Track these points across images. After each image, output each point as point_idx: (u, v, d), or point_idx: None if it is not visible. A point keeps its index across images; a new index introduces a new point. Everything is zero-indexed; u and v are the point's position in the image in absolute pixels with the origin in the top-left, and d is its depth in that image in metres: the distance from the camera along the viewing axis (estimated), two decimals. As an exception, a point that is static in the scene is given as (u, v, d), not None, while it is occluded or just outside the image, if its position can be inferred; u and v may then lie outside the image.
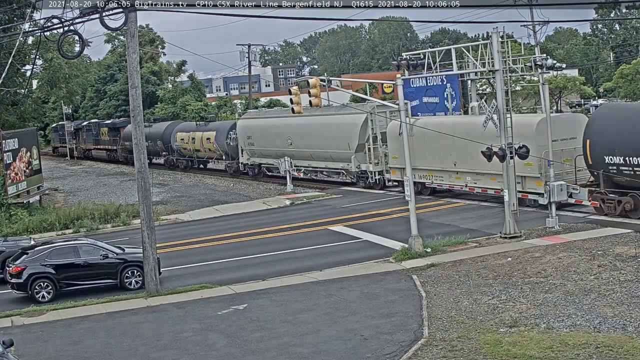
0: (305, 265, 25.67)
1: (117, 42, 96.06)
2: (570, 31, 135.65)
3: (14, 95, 46.54)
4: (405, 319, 18.43)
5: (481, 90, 51.54)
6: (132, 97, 23.06)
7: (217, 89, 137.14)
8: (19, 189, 39.99)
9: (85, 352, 18.07)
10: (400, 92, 26.79)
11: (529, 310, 18.19)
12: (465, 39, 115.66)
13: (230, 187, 49.76)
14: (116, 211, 38.02)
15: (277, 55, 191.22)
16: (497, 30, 27.04)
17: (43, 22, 24.07)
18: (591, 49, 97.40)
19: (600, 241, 24.49)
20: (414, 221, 25.83)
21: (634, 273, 20.33)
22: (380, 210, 35.07)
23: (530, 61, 29.13)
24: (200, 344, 17.86)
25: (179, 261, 28.00)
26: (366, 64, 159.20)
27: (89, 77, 67.90)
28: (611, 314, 17.36)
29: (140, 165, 23.16)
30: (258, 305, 20.81)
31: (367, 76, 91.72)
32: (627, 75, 66.22)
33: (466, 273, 22.25)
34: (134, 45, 22.79)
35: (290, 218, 35.84)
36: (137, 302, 22.31)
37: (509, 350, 15.50)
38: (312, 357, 16.33)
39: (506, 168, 26.87)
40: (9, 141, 39.42)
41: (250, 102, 75.14)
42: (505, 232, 26.66)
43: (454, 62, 29.62)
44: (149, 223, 23.11)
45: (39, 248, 24.66)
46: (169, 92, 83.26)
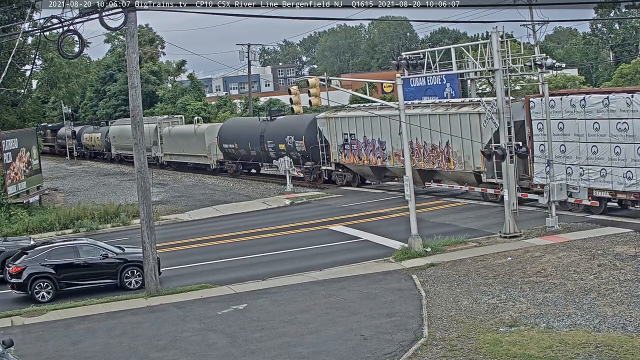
0: (305, 265, 25.68)
1: (117, 42, 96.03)
2: (570, 31, 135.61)
3: (13, 95, 46.50)
4: (405, 318, 18.43)
5: (481, 89, 51.53)
6: (131, 97, 23.06)
7: (217, 88, 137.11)
8: (18, 189, 40.00)
9: (85, 352, 18.07)
10: (399, 92, 26.79)
11: (528, 310, 18.20)
12: (465, 38, 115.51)
13: (230, 187, 49.76)
14: (116, 211, 38.02)
15: (276, 55, 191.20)
16: (497, 29, 27.07)
17: (43, 22, 24.06)
18: (591, 49, 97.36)
19: (600, 240, 24.50)
20: (414, 221, 25.83)
21: (633, 272, 20.34)
22: (379, 209, 35.07)
23: (529, 61, 29.14)
24: (200, 344, 17.87)
25: (179, 261, 28.00)
26: (366, 64, 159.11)
27: (89, 77, 67.95)
28: (611, 313, 17.36)
29: (140, 165, 23.16)
30: (258, 305, 20.82)
31: (366, 76, 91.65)
32: (626, 74, 66.17)
33: (466, 273, 22.26)
34: (133, 45, 22.79)
35: (290, 218, 35.85)
36: (137, 302, 22.31)
37: (509, 350, 15.51)
38: (312, 357, 16.33)
39: (506, 168, 26.88)
40: (9, 141, 39.42)
41: (250, 102, 75.15)
42: (505, 231, 26.66)
43: (454, 62, 29.66)
44: (148, 223, 23.11)
45: (39, 248, 24.65)
46: (169, 91, 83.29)
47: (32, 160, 42.83)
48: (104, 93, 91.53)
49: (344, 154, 42.63)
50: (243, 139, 51.44)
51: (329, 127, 43.29)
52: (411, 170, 26.52)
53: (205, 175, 57.34)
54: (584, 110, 28.26)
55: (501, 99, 26.95)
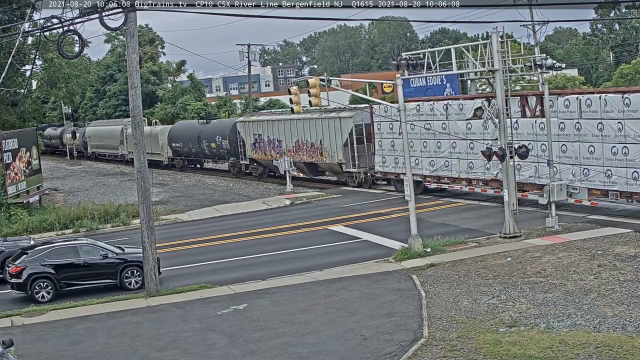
0: (305, 265, 25.68)
1: (117, 42, 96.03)
2: (570, 31, 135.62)
3: (13, 95, 46.53)
4: (405, 318, 18.44)
5: (481, 90, 51.48)
6: (131, 97, 23.05)
7: (217, 88, 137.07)
8: (18, 189, 40.00)
9: (85, 352, 18.07)
10: (400, 92, 26.78)
11: (528, 310, 18.20)
12: (465, 38, 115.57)
13: (230, 187, 49.79)
14: (116, 211, 38.02)
15: (276, 55, 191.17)
16: (497, 30, 27.04)
17: (43, 22, 24.06)
18: (591, 49, 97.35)
19: (600, 241, 24.50)
20: (414, 221, 25.83)
21: (633, 273, 20.34)
22: (379, 210, 35.08)
23: (529, 61, 29.13)
24: (200, 344, 17.87)
25: (179, 261, 28.00)
26: (366, 64, 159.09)
27: (89, 77, 67.99)
28: (611, 313, 17.36)
29: (140, 165, 23.16)
30: (258, 305, 20.82)
31: (366, 76, 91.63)
32: (626, 75, 66.20)
33: (466, 273, 22.26)
34: (133, 45, 22.78)
35: (290, 218, 35.85)
36: (137, 302, 22.31)
37: (509, 350, 15.51)
38: (312, 357, 16.34)
39: (506, 168, 26.88)
40: (9, 141, 39.43)
41: (250, 102, 75.14)
42: (505, 232, 26.66)
43: (454, 62, 29.59)
44: (148, 223, 23.11)
45: (39, 248, 24.65)
46: (169, 92, 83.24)
47: (32, 160, 42.83)
48: (104, 93, 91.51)
49: (255, 151, 51.35)
50: (186, 139, 60.10)
51: (245, 129, 52.23)
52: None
53: (205, 175, 57.59)
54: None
55: (501, 99, 26.94)
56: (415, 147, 36.37)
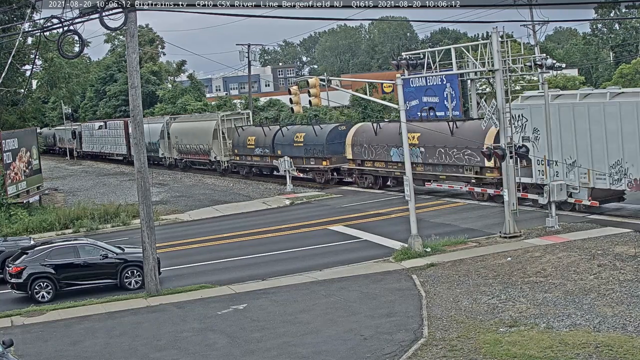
0: (305, 265, 25.68)
1: (117, 42, 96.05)
2: (570, 31, 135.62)
3: (13, 95, 46.50)
4: (405, 318, 18.44)
5: (481, 90, 51.50)
6: (131, 97, 23.06)
7: (217, 88, 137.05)
8: (18, 189, 39.98)
9: (85, 352, 18.07)
10: (400, 92, 26.79)
11: (528, 310, 18.20)
12: (465, 38, 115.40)
13: (230, 187, 49.77)
14: (116, 211, 38.02)
15: (276, 55, 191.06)
16: (497, 30, 27.05)
17: (43, 22, 24.07)
18: (591, 49, 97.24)
19: (600, 241, 24.51)
20: (414, 221, 25.84)
21: (633, 272, 20.35)
22: (379, 210, 35.08)
23: (530, 61, 29.13)
24: (200, 344, 17.87)
25: (179, 261, 28.01)
26: (366, 64, 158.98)
27: (89, 77, 67.99)
28: (611, 313, 17.36)
29: (140, 165, 23.16)
30: (258, 305, 20.82)
31: (366, 76, 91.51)
32: (626, 75, 66.14)
33: (466, 273, 22.26)
34: (133, 45, 22.79)
35: (290, 218, 35.85)
36: (137, 302, 22.31)
37: (509, 350, 15.51)
38: (312, 357, 16.34)
39: (506, 168, 26.88)
40: (9, 141, 39.41)
41: (250, 102, 75.12)
42: (505, 231, 26.67)
43: (454, 62, 29.62)
44: (148, 223, 23.11)
45: (39, 248, 24.65)
46: (169, 92, 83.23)
47: (32, 160, 42.82)
48: (104, 93, 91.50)
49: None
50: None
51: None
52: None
53: (205, 176, 57.54)
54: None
55: (501, 99, 26.94)
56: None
